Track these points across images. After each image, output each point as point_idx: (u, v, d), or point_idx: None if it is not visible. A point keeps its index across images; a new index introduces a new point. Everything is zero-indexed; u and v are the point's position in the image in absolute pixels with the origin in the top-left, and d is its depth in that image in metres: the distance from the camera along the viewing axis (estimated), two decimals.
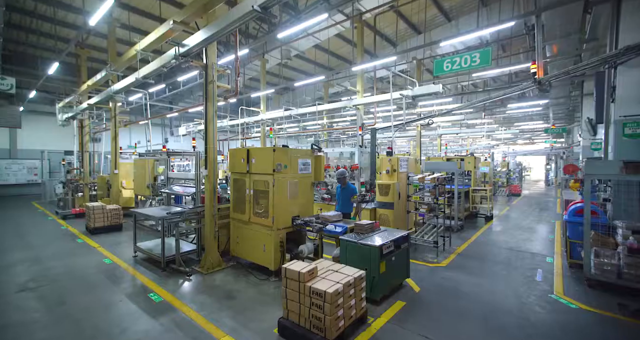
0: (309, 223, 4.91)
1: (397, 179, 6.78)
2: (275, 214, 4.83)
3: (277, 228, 4.86)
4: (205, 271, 5.03)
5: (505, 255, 6.19)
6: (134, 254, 5.82)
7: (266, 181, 4.92)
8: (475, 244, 7.00)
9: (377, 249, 3.92)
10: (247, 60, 14.61)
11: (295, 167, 5.23)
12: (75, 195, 11.24)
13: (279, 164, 4.86)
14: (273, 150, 4.82)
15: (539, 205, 13.28)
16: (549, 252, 6.39)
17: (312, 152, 5.62)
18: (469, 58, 5.14)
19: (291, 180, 5.12)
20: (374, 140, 7.64)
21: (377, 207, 6.85)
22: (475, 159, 10.15)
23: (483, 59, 5.09)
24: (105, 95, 7.75)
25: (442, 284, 4.76)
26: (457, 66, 5.24)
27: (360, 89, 9.41)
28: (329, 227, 4.67)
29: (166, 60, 5.07)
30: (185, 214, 5.19)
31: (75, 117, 10.79)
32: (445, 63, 5.34)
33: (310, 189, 5.59)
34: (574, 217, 5.37)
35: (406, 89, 7.78)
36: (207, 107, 5.19)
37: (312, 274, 3.25)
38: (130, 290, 4.41)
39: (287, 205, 5.03)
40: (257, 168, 5.09)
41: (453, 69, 5.32)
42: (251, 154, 5.19)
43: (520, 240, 7.31)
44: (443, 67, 5.38)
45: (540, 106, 14.66)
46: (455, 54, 5.56)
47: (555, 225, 8.97)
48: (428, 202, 6.13)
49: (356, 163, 7.47)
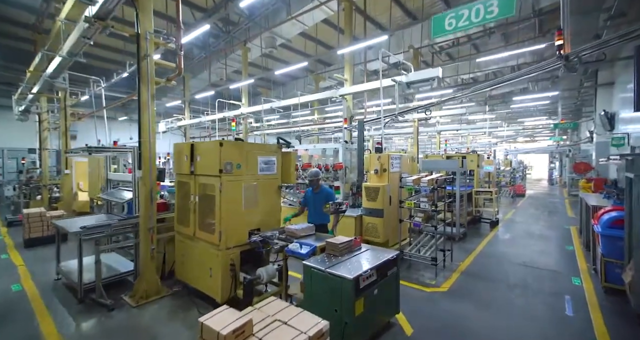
0: (269, 239, 3.75)
1: (388, 180, 5.64)
2: (224, 228, 3.67)
3: (226, 247, 3.70)
4: (135, 302, 3.87)
5: (520, 274, 5.05)
6: (57, 276, 4.65)
7: (213, 185, 3.76)
8: (481, 258, 5.87)
9: (350, 283, 2.77)
10: (229, 50, 13.43)
11: (254, 166, 4.08)
12: (34, 198, 10.08)
13: (228, 162, 3.70)
14: (220, 144, 3.66)
15: (546, 207, 12.15)
16: (572, 269, 5.25)
17: (279, 147, 4.47)
18: (482, 8, 3.86)
19: (248, 183, 3.96)
20: (361, 135, 6.48)
21: (363, 215, 5.70)
22: (478, 157, 9.01)
23: (504, 6, 3.81)
24: (44, 82, 6.55)
25: (442, 319, 3.62)
26: (464, 22, 3.95)
27: (348, 77, 8.25)
28: (292, 247, 3.52)
29: (82, 28, 3.88)
30: (110, 227, 4.01)
31: (29, 111, 9.57)
32: (448, 19, 4.03)
33: (276, 194, 4.43)
34: (609, 229, 4.23)
35: (400, 76, 6.61)
36: (140, 90, 4.02)
37: (242, 335, 2.09)
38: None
39: (242, 216, 3.88)
40: (203, 168, 3.93)
41: (459, 27, 4.07)
42: (196, 150, 4.03)
43: (535, 253, 6.18)
44: (445, 25, 4.10)
45: (548, 99, 13.51)
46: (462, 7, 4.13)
47: (571, 232, 7.84)
48: (425, 208, 4.98)
49: (340, 161, 6.32)
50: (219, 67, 14.52)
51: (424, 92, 12.50)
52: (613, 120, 9.36)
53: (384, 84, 6.83)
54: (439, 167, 7.92)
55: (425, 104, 6.74)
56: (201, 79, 15.76)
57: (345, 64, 8.48)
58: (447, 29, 3.98)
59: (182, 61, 4.35)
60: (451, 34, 4.07)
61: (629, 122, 8.07)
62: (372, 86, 7.14)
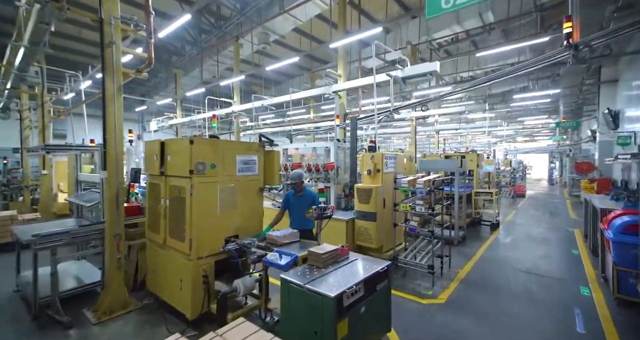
0: (246, 247, 3.36)
1: (382, 181, 5.25)
2: (195, 235, 3.28)
3: (198, 256, 3.31)
4: (97, 319, 3.46)
5: (523, 282, 4.68)
6: (16, 287, 4.23)
7: (184, 187, 3.37)
8: (481, 264, 5.49)
9: (332, 302, 2.38)
10: (221, 46, 13.03)
11: (232, 166, 3.69)
12: (16, 199, 9.67)
13: (201, 162, 3.31)
14: (190, 142, 3.27)
15: (547, 208, 11.80)
16: (579, 277, 4.88)
17: (261, 146, 4.08)
18: None
19: (224, 185, 3.57)
20: (354, 132, 6.10)
21: (355, 218, 5.31)
22: (478, 157, 8.65)
23: None
24: (14, 76, 6.14)
25: (439, 336, 3.24)
26: None
27: (342, 73, 7.86)
28: (271, 257, 3.12)
29: (37, 11, 3.48)
30: (69, 235, 3.61)
31: (9, 108, 9.14)
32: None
33: (257, 196, 4.04)
34: (622, 235, 3.85)
35: (395, 70, 6.23)
36: (104, 81, 3.62)
37: None
38: None
39: (217, 222, 3.48)
40: (173, 169, 3.54)
41: (457, 4, 3.59)
42: (166, 148, 3.63)
43: (538, 258, 5.81)
44: (441, 2, 3.65)
45: (549, 97, 13.15)
46: None
47: (575, 235, 7.48)
48: (421, 212, 4.60)
49: (332, 161, 5.94)
50: (211, 64, 14.12)
51: (422, 90, 12.16)
52: (617, 119, 9.01)
53: (378, 80, 6.45)
54: (437, 167, 7.57)
55: (422, 100, 6.35)
56: (193, 76, 15.35)
57: (339, 60, 8.10)
58: (444, 7, 3.55)
59: (152, 51, 3.95)
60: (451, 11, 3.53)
61: (636, 121, 7.72)
62: (366, 82, 6.76)
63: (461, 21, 11.44)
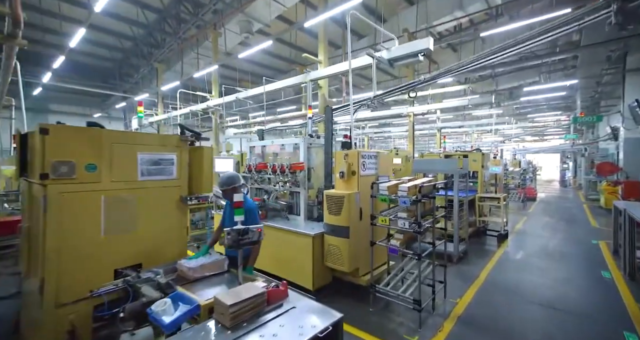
0: (133, 287, 2.27)
1: (358, 186, 4.12)
2: (52, 272, 2.20)
3: (57, 303, 2.23)
4: None
5: (543, 323, 3.50)
6: None
7: (37, 199, 2.30)
8: (486, 292, 4.32)
9: None
10: (201, 36, 12.04)
11: (130, 168, 2.61)
12: None
13: (63, 162, 2.23)
14: (42, 130, 2.19)
15: (562, 213, 10.49)
16: (619, 313, 3.67)
17: (182, 141, 2.99)
18: None
19: (114, 194, 2.49)
20: (329, 125, 4.97)
21: (325, 233, 4.19)
22: (483, 156, 7.45)
23: None
24: None
25: None
26: None
27: (322, 58, 6.75)
28: (158, 307, 2.02)
29: None
30: None
31: None
32: None
33: (177, 209, 2.95)
34: None
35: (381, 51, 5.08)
36: None
37: None
38: None
39: (98, 249, 2.40)
40: (33, 171, 2.46)
41: None
42: (29, 142, 2.56)
43: (560, 283, 4.60)
44: None
45: (564, 90, 11.83)
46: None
47: (600, 249, 6.24)
48: (403, 228, 3.46)
49: (301, 161, 4.83)
50: (193, 58, 13.15)
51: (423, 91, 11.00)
52: None
53: (361, 63, 5.32)
54: (433, 168, 6.41)
55: (411, 82, 5.18)
56: (176, 71, 14.40)
57: (319, 44, 6.97)
58: None
59: (19, 9, 2.86)
60: None
61: None
62: (346, 67, 5.63)
63: (465, 6, 10.27)
